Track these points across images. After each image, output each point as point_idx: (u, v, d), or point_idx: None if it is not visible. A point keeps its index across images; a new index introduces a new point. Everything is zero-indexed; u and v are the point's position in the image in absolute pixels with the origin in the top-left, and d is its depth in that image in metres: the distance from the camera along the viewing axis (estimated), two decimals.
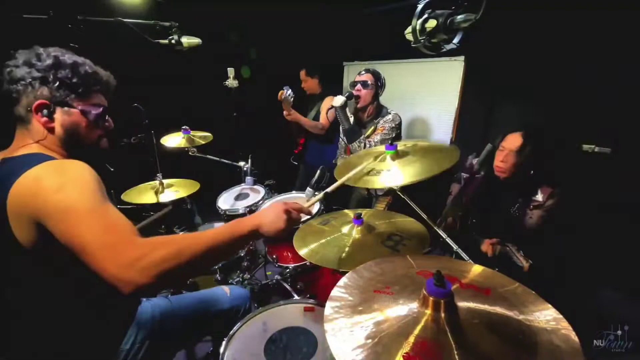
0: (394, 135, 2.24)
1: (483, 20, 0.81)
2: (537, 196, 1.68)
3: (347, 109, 2.35)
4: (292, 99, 2.39)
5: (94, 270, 0.68)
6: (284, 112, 2.50)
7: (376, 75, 2.30)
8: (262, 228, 0.85)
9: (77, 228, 0.69)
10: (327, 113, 2.69)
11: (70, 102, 0.89)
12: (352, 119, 2.32)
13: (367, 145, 2.28)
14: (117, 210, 0.76)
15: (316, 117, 2.82)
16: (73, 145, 0.92)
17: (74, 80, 0.88)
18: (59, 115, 0.88)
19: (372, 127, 2.26)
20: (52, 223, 0.71)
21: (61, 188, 0.72)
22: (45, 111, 0.85)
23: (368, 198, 2.51)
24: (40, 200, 0.72)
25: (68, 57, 0.89)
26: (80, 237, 0.69)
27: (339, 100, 2.16)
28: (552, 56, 2.18)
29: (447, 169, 1.03)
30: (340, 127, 2.39)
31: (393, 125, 2.23)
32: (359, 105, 2.25)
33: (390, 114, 2.27)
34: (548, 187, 1.67)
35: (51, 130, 0.88)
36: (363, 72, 2.30)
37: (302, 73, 2.83)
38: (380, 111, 2.31)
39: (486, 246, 1.62)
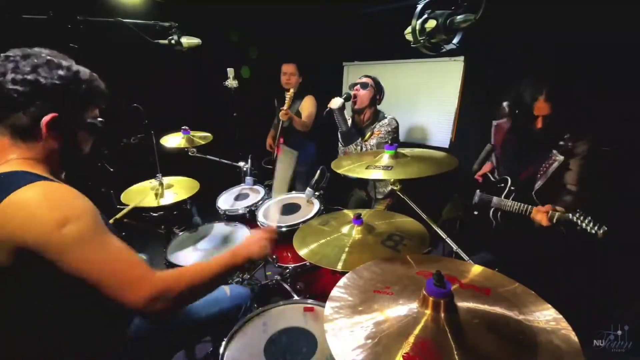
0: (390, 139, 2.24)
1: (483, 20, 0.81)
2: (565, 140, 1.53)
3: (346, 112, 2.35)
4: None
5: (114, 302, 0.73)
6: (282, 111, 2.50)
7: (376, 80, 2.31)
8: (253, 256, 1.01)
9: (91, 264, 0.73)
10: (309, 114, 2.73)
11: (81, 116, 0.87)
12: (350, 122, 2.33)
13: (364, 149, 2.28)
14: (121, 242, 0.79)
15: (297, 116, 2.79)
16: (68, 158, 0.89)
17: (88, 94, 0.86)
18: (68, 129, 0.85)
19: (369, 133, 2.27)
20: (57, 257, 0.71)
21: (65, 222, 0.71)
22: (55, 125, 0.81)
23: (367, 200, 2.51)
24: (38, 232, 0.69)
25: (81, 70, 0.86)
26: (96, 273, 0.73)
27: (336, 102, 2.16)
28: (552, 55, 2.18)
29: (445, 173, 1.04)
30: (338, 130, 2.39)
31: (389, 129, 2.24)
32: (356, 106, 2.25)
33: (386, 118, 2.28)
34: (578, 134, 1.52)
35: (56, 144, 0.84)
36: (363, 77, 2.31)
37: (293, 67, 2.73)
38: (377, 116, 2.31)
39: (539, 214, 1.42)
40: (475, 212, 1.83)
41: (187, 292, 0.81)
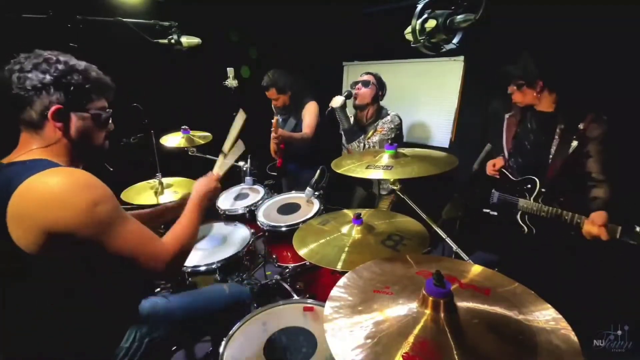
0: (393, 136, 2.24)
1: (483, 20, 0.81)
2: (579, 124, 1.45)
3: (347, 110, 2.35)
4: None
5: (138, 272, 0.87)
6: (272, 135, 2.30)
7: (377, 77, 2.31)
8: (210, 195, 1.21)
9: (124, 240, 0.82)
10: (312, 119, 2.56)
11: (83, 107, 0.90)
12: (352, 120, 2.32)
13: (367, 146, 2.28)
14: (136, 220, 0.89)
15: (296, 129, 2.65)
16: (83, 149, 0.93)
17: (87, 85, 0.89)
18: (74, 119, 0.89)
19: (372, 130, 2.27)
20: (93, 236, 0.77)
21: (97, 203, 0.77)
22: (61, 116, 0.86)
23: (371, 197, 2.51)
24: (71, 214, 0.73)
25: (78, 62, 0.90)
26: (129, 248, 0.83)
27: (338, 100, 2.16)
28: (552, 55, 2.18)
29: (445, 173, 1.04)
30: (340, 127, 2.38)
31: (392, 126, 2.23)
32: (357, 102, 2.26)
33: (389, 115, 2.27)
34: (589, 114, 1.45)
35: (65, 134, 0.88)
36: (364, 74, 2.30)
37: (273, 92, 2.53)
38: (380, 113, 2.31)
39: (595, 228, 1.30)
40: (494, 213, 1.74)
41: (186, 245, 0.98)
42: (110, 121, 1.00)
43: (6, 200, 0.72)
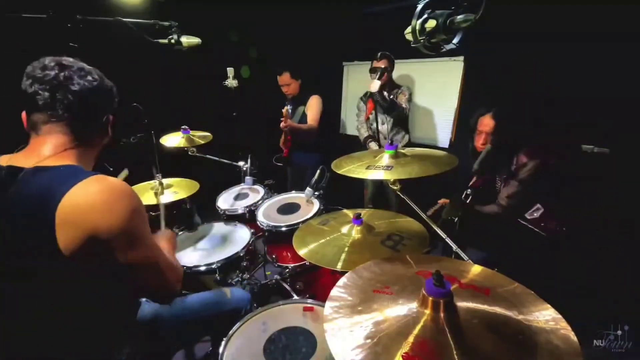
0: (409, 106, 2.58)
1: (483, 20, 0.81)
2: (512, 165, 1.80)
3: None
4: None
5: (149, 285, 0.91)
6: (282, 125, 2.56)
7: (389, 57, 2.55)
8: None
9: (148, 253, 0.86)
10: (317, 112, 2.79)
11: (110, 116, 0.97)
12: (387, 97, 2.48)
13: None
14: None
15: (302, 119, 2.82)
16: (102, 152, 0.99)
17: (116, 99, 0.97)
18: (110, 128, 0.98)
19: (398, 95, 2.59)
20: (118, 244, 0.79)
21: (135, 211, 0.80)
22: (112, 125, 0.96)
23: (384, 191, 2.69)
24: (113, 220, 0.76)
25: (107, 80, 0.95)
26: (151, 260, 0.87)
27: (376, 85, 2.28)
28: (552, 56, 2.18)
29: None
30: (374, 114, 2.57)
31: (407, 96, 2.57)
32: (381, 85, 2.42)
33: (401, 86, 2.65)
34: (525, 156, 1.76)
35: (105, 141, 0.97)
36: (379, 61, 2.50)
37: (287, 76, 2.73)
38: (393, 83, 2.65)
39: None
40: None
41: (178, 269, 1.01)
42: None
43: (53, 207, 0.73)
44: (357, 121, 2.89)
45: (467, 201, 1.78)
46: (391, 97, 2.52)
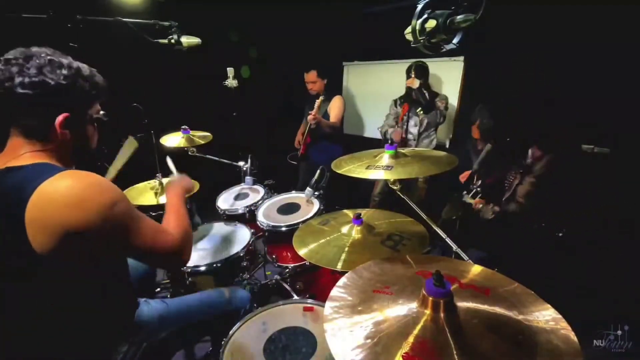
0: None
1: (483, 20, 0.81)
2: (527, 159, 1.78)
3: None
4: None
5: (154, 264, 0.96)
6: (310, 117, 2.64)
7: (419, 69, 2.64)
8: (188, 189, 1.26)
9: (143, 236, 0.85)
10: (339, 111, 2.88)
11: (86, 112, 0.89)
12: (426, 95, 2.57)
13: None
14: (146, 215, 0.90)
15: (324, 117, 2.88)
16: (80, 152, 0.92)
17: (93, 91, 0.88)
18: (77, 125, 0.87)
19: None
20: (113, 236, 0.79)
21: (115, 203, 0.78)
22: (67, 123, 0.83)
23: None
24: (91, 215, 0.73)
25: (82, 66, 0.87)
26: (148, 243, 0.86)
27: (416, 82, 2.49)
28: (552, 55, 2.18)
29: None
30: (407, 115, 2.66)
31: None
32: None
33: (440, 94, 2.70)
34: (539, 150, 1.75)
35: (69, 140, 0.86)
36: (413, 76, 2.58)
37: (314, 74, 2.84)
38: (431, 90, 2.69)
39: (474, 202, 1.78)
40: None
41: (187, 229, 1.02)
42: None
43: (22, 206, 0.71)
44: (385, 122, 2.90)
45: (476, 198, 1.81)
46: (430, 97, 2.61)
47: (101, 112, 0.95)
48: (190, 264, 1.55)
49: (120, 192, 0.82)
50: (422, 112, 2.59)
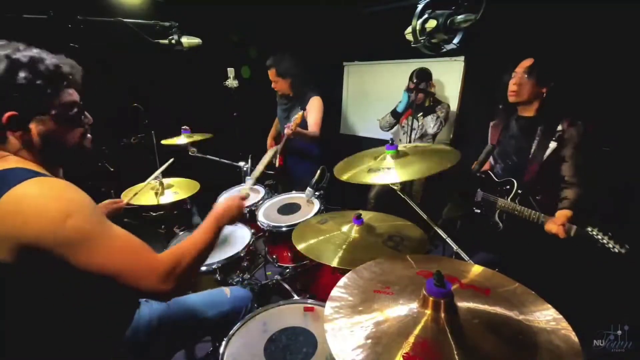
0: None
1: (483, 20, 0.81)
2: (558, 126, 1.56)
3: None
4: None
5: (129, 289, 0.75)
6: (286, 131, 2.16)
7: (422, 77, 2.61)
8: (234, 217, 1.12)
9: (101, 256, 0.73)
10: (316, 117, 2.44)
11: (41, 108, 0.79)
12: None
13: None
14: (123, 230, 0.80)
15: (301, 124, 2.37)
16: (54, 153, 0.84)
17: (38, 81, 0.76)
18: (33, 124, 0.79)
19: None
20: (66, 251, 0.70)
21: (68, 215, 0.70)
22: (16, 123, 0.76)
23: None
24: (41, 227, 0.68)
25: (23, 55, 0.76)
26: (108, 264, 0.73)
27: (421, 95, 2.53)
28: (552, 56, 2.18)
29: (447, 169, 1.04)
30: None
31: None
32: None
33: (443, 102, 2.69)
34: (567, 121, 1.57)
35: (28, 142, 0.79)
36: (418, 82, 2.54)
37: (272, 72, 2.42)
38: (435, 98, 2.68)
39: (555, 227, 1.40)
40: (478, 210, 1.84)
41: (191, 264, 0.85)
42: (85, 114, 0.89)
43: None
44: (387, 116, 2.79)
45: (516, 200, 1.62)
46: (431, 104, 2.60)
47: (76, 110, 0.85)
48: None
49: (80, 204, 0.74)
50: (422, 116, 2.58)
